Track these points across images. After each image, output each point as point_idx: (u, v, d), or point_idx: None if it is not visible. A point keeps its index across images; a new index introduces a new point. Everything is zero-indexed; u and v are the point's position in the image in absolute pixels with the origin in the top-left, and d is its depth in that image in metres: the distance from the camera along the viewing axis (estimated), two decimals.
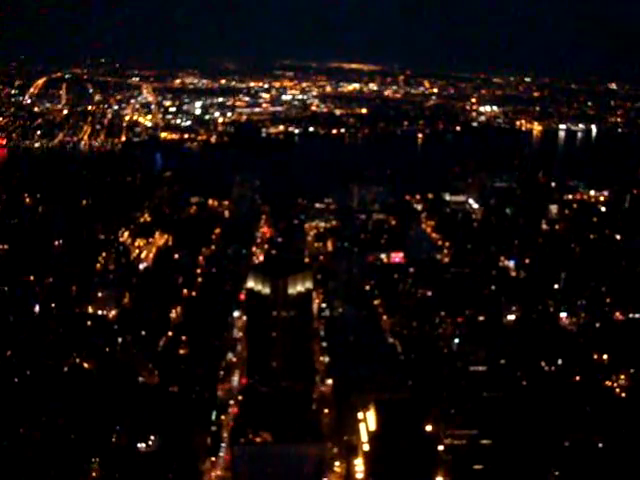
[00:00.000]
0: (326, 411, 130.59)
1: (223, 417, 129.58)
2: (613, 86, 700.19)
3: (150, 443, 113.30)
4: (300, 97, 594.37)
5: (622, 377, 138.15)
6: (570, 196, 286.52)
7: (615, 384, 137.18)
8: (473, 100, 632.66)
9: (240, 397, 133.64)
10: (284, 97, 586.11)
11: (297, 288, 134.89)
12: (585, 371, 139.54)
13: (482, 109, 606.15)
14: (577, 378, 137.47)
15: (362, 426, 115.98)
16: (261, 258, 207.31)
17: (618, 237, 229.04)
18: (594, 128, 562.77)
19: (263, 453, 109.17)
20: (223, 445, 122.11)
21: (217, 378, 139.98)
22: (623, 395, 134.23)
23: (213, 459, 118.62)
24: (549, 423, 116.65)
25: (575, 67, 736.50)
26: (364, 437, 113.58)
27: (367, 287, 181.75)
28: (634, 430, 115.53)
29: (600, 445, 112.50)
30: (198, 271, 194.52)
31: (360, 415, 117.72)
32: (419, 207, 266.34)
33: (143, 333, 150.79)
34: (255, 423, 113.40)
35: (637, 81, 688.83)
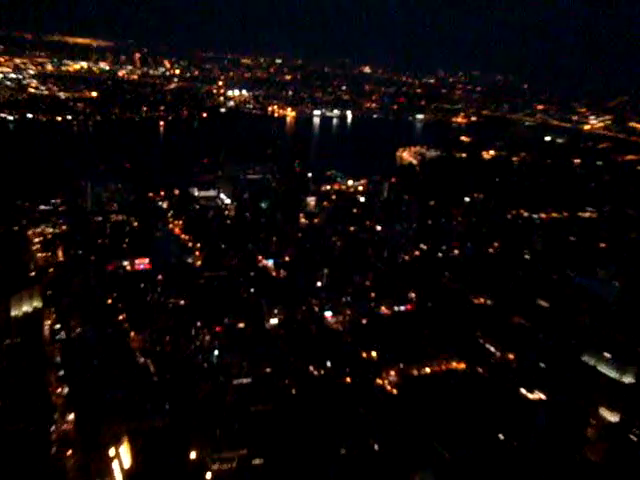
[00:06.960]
0: (70, 452, 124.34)
1: None
2: (367, 70, 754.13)
3: None
4: (13, 76, 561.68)
5: (392, 373, 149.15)
6: (328, 187, 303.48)
7: (386, 381, 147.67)
8: (220, 83, 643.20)
9: None
10: None
11: (22, 309, 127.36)
12: (355, 371, 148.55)
13: (230, 93, 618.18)
14: (348, 379, 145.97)
15: (115, 464, 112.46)
16: None
17: (378, 228, 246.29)
18: (349, 114, 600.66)
19: None
20: None
21: None
22: (394, 392, 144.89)
23: None
24: (323, 431, 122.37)
25: (328, 49, 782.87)
26: (119, 477, 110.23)
27: (109, 301, 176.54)
28: (407, 427, 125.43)
29: (376, 447, 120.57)
30: None
31: (112, 452, 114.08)
32: (164, 205, 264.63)
33: None
34: None
35: (389, 65, 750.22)
